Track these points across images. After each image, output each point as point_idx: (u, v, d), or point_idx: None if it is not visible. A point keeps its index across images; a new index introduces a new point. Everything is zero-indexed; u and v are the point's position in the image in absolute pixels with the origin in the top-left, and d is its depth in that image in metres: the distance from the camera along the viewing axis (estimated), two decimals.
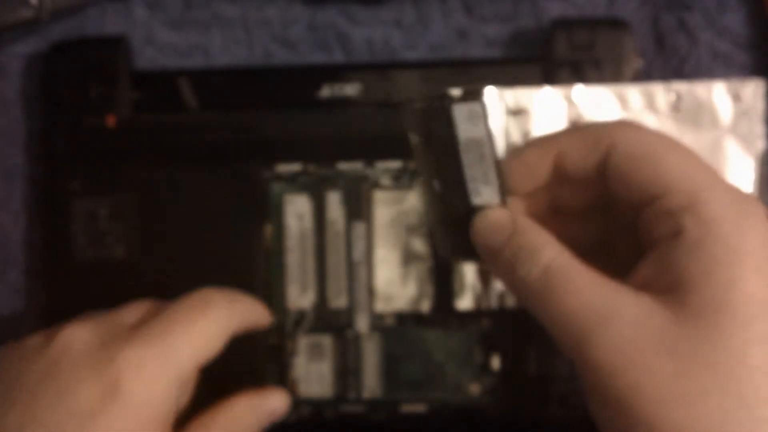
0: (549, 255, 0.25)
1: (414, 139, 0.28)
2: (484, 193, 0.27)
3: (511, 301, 0.37)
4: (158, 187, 0.38)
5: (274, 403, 0.34)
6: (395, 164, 0.38)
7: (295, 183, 0.38)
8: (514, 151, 0.29)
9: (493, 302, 0.37)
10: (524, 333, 0.37)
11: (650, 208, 0.25)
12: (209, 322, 0.31)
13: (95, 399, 0.27)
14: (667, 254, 0.24)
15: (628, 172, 0.25)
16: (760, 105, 0.37)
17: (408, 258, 0.38)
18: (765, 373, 0.22)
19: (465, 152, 0.27)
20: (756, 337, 0.22)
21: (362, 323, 0.38)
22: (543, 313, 0.25)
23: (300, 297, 0.38)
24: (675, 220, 0.24)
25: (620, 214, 0.27)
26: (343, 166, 0.38)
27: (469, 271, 0.37)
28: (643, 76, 0.39)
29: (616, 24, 0.39)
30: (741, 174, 0.37)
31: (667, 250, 0.24)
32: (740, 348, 0.22)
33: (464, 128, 0.27)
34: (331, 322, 0.38)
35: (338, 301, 0.38)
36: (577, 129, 0.28)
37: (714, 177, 0.25)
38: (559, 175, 0.28)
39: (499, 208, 0.27)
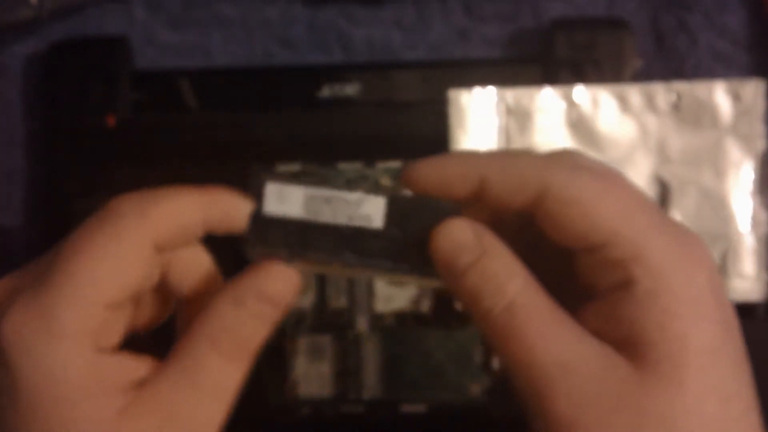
0: (515, 288, 0.23)
1: (283, 251, 0.26)
2: (366, 207, 0.25)
3: None
4: (158, 187, 0.38)
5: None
6: (395, 164, 0.38)
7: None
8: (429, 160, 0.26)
9: None
10: None
11: (591, 256, 0.23)
12: (106, 249, 0.23)
13: None
14: (617, 306, 0.23)
15: (563, 220, 0.23)
16: (760, 105, 0.37)
17: None
18: (719, 423, 0.22)
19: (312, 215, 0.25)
20: (709, 389, 0.22)
21: (362, 323, 0.38)
22: (503, 352, 0.23)
23: (300, 297, 0.38)
24: (622, 270, 0.23)
25: (552, 255, 0.25)
26: (343, 166, 0.38)
27: None
28: (643, 76, 0.39)
29: (616, 24, 0.39)
30: (741, 174, 0.37)
31: (617, 302, 0.23)
32: (695, 402, 0.22)
33: (272, 205, 0.25)
34: (331, 322, 0.38)
35: (338, 301, 0.38)
36: (505, 160, 0.25)
37: (656, 219, 0.23)
38: (482, 204, 0.26)
39: (462, 219, 0.24)
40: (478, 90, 0.37)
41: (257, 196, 0.25)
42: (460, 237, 0.24)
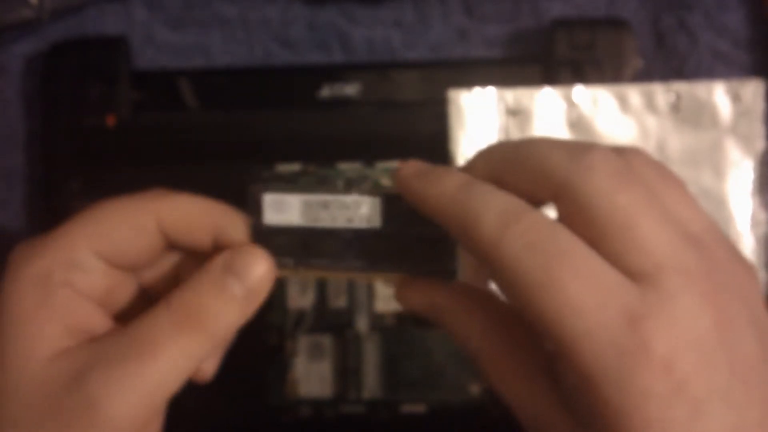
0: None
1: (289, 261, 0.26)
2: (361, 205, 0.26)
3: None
4: (158, 187, 0.38)
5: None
6: (395, 164, 0.38)
7: (295, 183, 0.38)
8: None
9: None
10: None
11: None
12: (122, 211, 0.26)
13: None
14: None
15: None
16: (759, 105, 0.37)
17: None
18: None
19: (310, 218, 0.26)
20: None
21: (362, 323, 0.38)
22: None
23: (300, 297, 0.38)
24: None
25: None
26: (343, 166, 0.38)
27: (469, 271, 0.37)
28: (643, 76, 0.39)
29: (616, 24, 0.39)
30: (741, 174, 0.37)
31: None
32: None
33: (272, 215, 0.26)
34: (331, 322, 0.38)
35: (338, 301, 0.38)
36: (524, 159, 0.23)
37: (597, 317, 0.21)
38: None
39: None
40: (477, 90, 0.37)
41: (256, 207, 0.26)
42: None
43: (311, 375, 0.38)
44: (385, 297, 0.38)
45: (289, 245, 0.26)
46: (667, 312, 0.20)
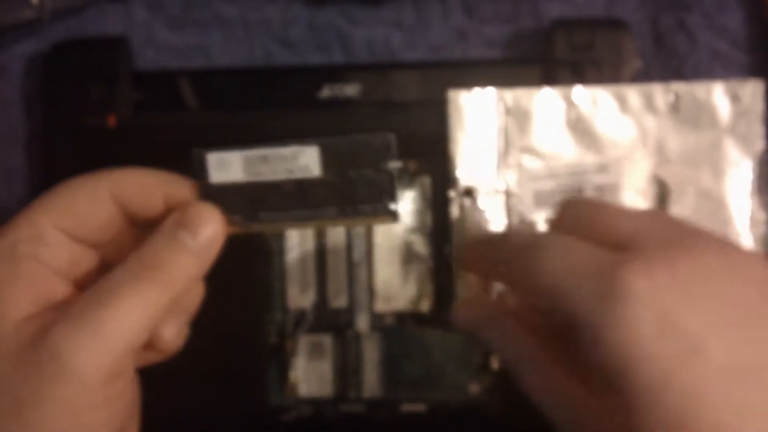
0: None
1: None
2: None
3: (510, 301, 0.37)
4: None
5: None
6: (395, 164, 0.38)
7: None
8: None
9: None
10: None
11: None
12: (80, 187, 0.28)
13: None
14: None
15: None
16: (758, 105, 0.37)
17: (408, 258, 0.38)
18: None
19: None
20: None
21: (362, 323, 0.38)
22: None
23: (300, 297, 0.38)
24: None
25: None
26: None
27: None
28: (643, 76, 0.39)
29: (615, 24, 0.39)
30: (740, 174, 0.37)
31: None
32: None
33: (216, 174, 0.27)
34: (331, 322, 0.38)
35: (338, 301, 0.38)
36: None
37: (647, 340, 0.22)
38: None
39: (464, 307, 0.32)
40: (477, 90, 0.37)
41: (201, 168, 0.27)
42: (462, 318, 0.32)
43: (311, 375, 0.38)
44: (385, 297, 0.38)
45: (237, 202, 0.27)
46: (642, 258, 0.23)
